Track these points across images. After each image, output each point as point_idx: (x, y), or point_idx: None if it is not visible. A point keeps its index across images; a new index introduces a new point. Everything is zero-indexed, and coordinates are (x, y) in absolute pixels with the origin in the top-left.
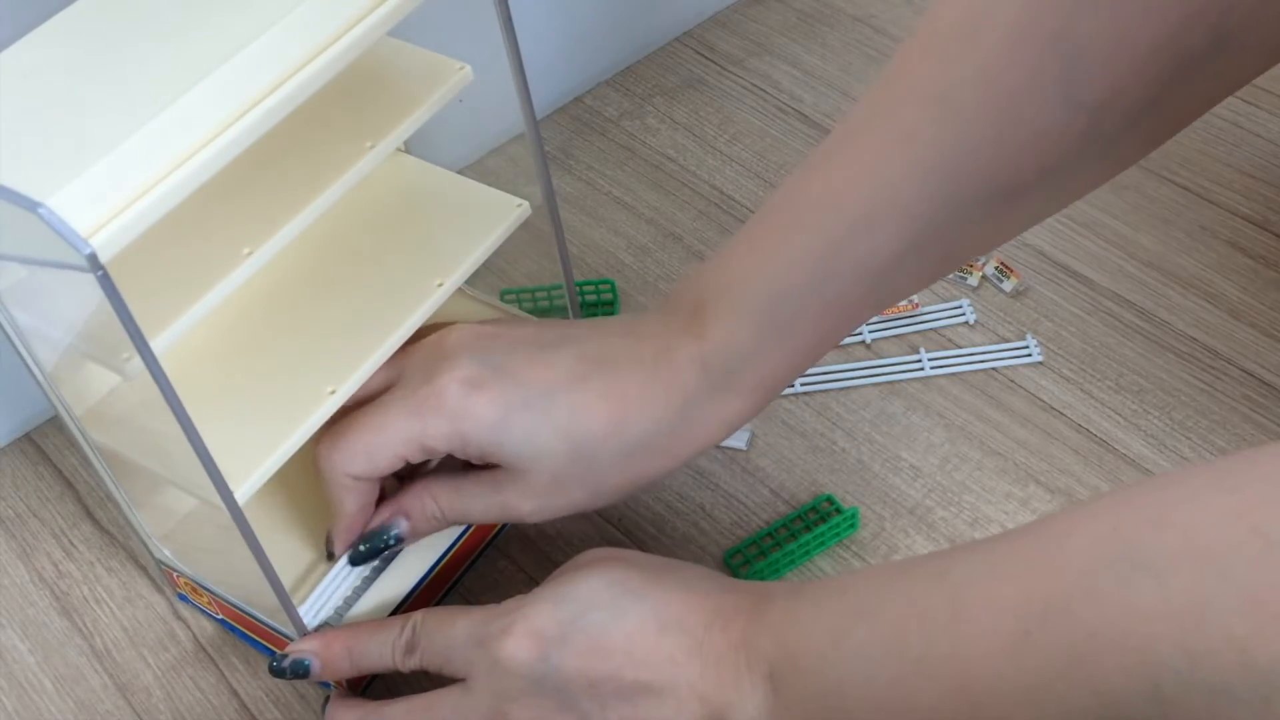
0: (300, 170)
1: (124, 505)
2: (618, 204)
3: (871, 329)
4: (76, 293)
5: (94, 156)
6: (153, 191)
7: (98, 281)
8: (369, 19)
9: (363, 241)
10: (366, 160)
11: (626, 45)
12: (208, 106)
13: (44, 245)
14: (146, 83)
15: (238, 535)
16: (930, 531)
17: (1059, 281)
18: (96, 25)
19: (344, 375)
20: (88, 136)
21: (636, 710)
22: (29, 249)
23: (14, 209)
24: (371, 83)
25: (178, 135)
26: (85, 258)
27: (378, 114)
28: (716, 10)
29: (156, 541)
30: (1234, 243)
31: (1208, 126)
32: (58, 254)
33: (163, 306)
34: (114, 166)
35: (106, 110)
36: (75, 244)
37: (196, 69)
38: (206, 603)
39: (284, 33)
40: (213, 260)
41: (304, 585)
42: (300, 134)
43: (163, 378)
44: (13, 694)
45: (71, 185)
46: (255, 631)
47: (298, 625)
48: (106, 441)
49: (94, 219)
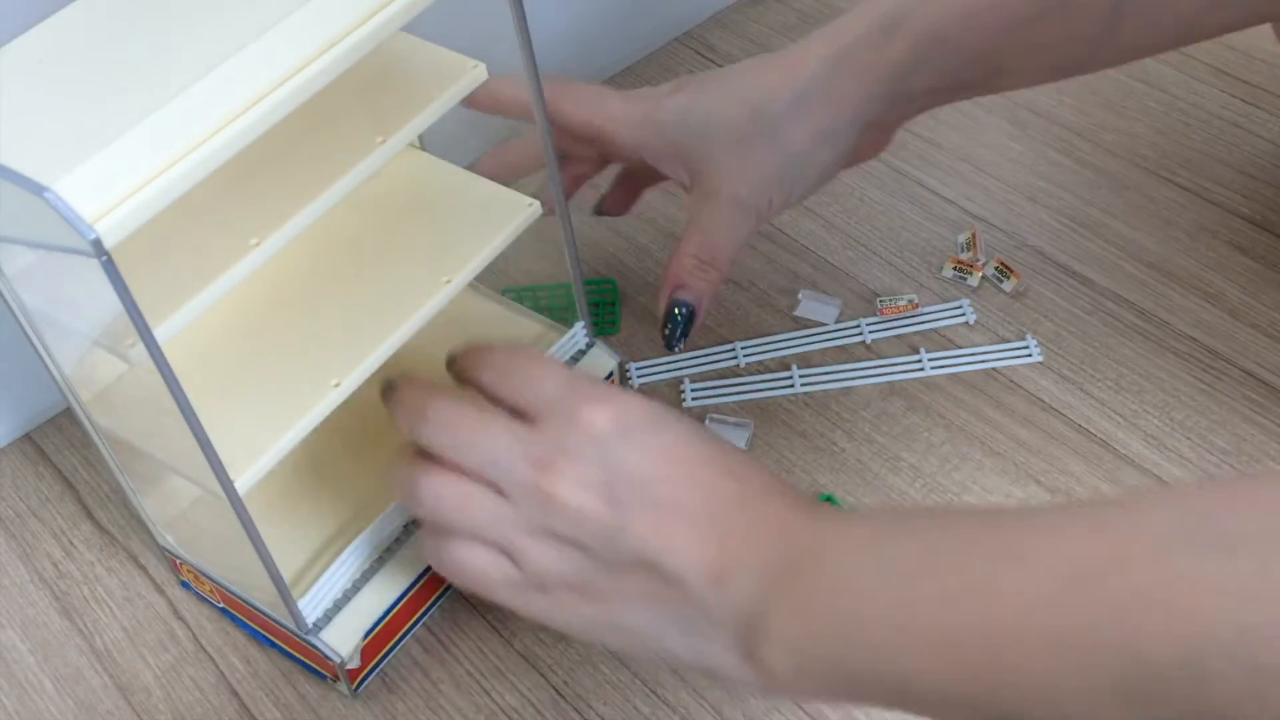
0: (310, 163)
1: (130, 493)
2: None
3: (872, 329)
4: (83, 278)
5: (102, 142)
6: (160, 179)
7: (102, 267)
8: (383, 13)
9: (372, 236)
10: (376, 155)
11: (626, 45)
12: (218, 96)
13: (51, 229)
14: (157, 71)
15: (239, 526)
16: None
17: (1059, 281)
18: (108, 15)
19: (348, 369)
20: (97, 123)
21: (662, 523)
22: (36, 233)
23: (22, 192)
24: (385, 78)
25: (187, 124)
26: (90, 243)
27: (390, 109)
28: (716, 10)
29: (161, 529)
30: (1234, 243)
31: (1208, 127)
32: (64, 238)
33: (168, 294)
34: (122, 153)
35: (116, 97)
36: (80, 229)
37: (208, 58)
38: (209, 591)
39: (297, 25)
40: (219, 249)
41: (305, 578)
42: (312, 127)
43: (165, 365)
44: (13, 694)
45: (79, 170)
46: (256, 622)
47: (297, 619)
48: (112, 427)
49: (100, 204)
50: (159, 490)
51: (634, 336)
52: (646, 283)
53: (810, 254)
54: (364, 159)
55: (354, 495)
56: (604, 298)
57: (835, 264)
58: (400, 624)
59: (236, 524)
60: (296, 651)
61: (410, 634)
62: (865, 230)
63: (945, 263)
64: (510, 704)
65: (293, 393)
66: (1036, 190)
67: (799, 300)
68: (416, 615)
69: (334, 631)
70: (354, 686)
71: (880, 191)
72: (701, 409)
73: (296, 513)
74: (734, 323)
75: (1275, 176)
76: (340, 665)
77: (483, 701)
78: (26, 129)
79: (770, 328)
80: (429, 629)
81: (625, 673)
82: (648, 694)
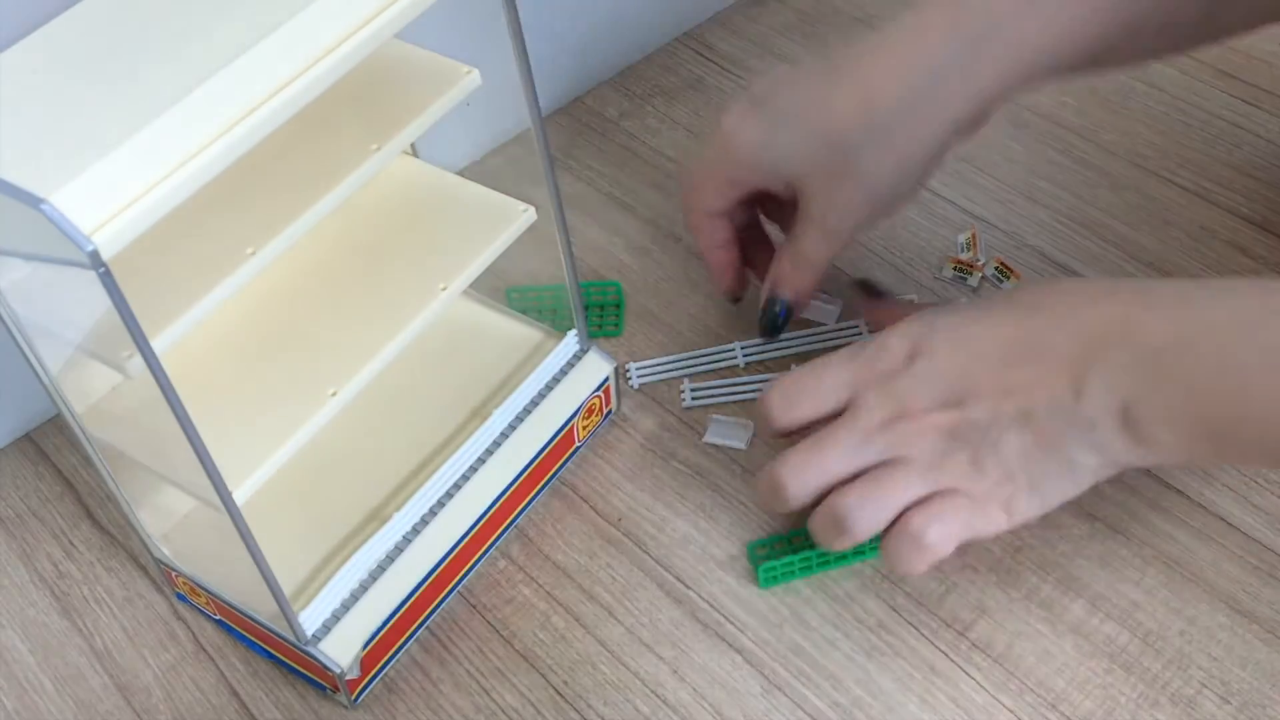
0: (305, 172)
1: (124, 504)
2: (618, 204)
3: (872, 328)
4: (78, 290)
5: (98, 154)
6: (156, 190)
7: (99, 279)
8: (377, 21)
9: (367, 243)
10: (372, 163)
11: (626, 45)
12: (213, 106)
13: (47, 241)
14: (151, 82)
15: (237, 538)
16: None
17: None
18: (100, 27)
19: (345, 377)
20: (92, 134)
21: (1010, 374)
22: (32, 245)
23: (17, 205)
24: (378, 85)
25: (182, 134)
26: (87, 255)
27: (384, 117)
28: (716, 10)
29: (156, 541)
30: (1234, 243)
31: (1208, 127)
32: (60, 250)
33: (164, 305)
34: (117, 164)
35: (110, 109)
36: (78, 241)
37: (202, 69)
38: (205, 603)
39: (290, 34)
40: (216, 260)
41: (305, 590)
42: (306, 135)
43: (163, 376)
44: (13, 694)
45: (75, 182)
46: (254, 633)
47: (296, 630)
48: (107, 439)
49: (97, 216)
50: (153, 503)
51: (634, 336)
52: (646, 283)
53: None
54: (359, 167)
55: (352, 505)
56: (607, 299)
57: (836, 264)
58: (400, 633)
59: (234, 536)
60: (294, 662)
61: (411, 641)
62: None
63: (945, 263)
64: (510, 704)
65: (290, 402)
66: (1036, 190)
67: None
68: (415, 624)
69: (333, 642)
70: (353, 697)
71: None
72: (702, 409)
73: (294, 524)
74: (734, 323)
75: (1275, 177)
76: (340, 676)
77: (483, 701)
78: (20, 140)
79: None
80: (429, 629)
81: (625, 672)
82: (648, 694)
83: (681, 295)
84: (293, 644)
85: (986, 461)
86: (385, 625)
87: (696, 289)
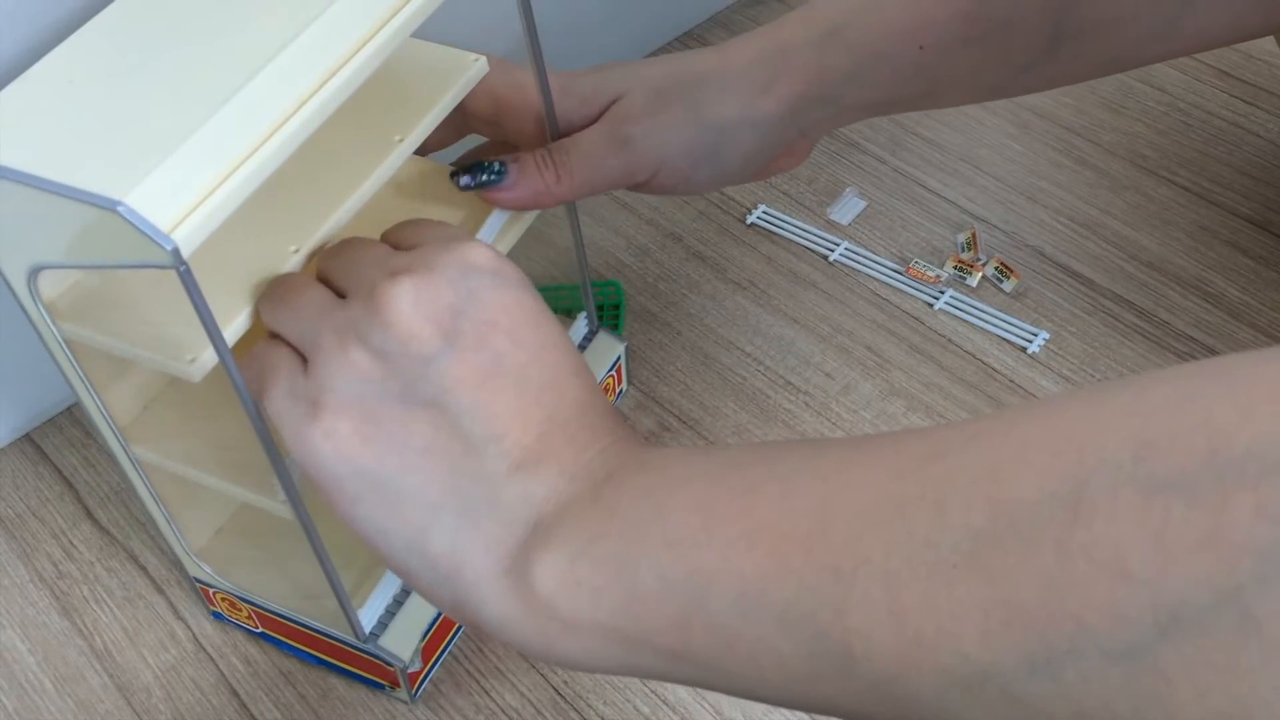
0: (337, 166)
1: (164, 523)
2: (618, 204)
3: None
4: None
5: (161, 154)
6: (225, 184)
7: (180, 277)
8: (410, 6)
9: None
10: (398, 154)
11: (626, 45)
12: (264, 102)
13: (120, 245)
14: (193, 83)
15: (286, 546)
16: None
17: (1059, 281)
18: (129, 31)
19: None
20: (148, 136)
21: (489, 376)
22: (100, 252)
23: (86, 210)
24: (391, 78)
25: (241, 129)
26: (169, 253)
27: (403, 108)
28: (716, 10)
29: (195, 558)
30: (1234, 243)
31: (1208, 127)
32: (137, 253)
33: (226, 304)
34: (184, 162)
35: (159, 111)
36: (158, 240)
37: (244, 66)
38: (245, 617)
39: (330, 23)
40: (263, 259)
41: (359, 590)
42: (331, 131)
43: (238, 374)
44: (13, 694)
45: (145, 183)
46: (301, 640)
47: (356, 628)
48: (149, 455)
49: (172, 214)
50: (188, 519)
51: (634, 336)
52: (646, 283)
53: (811, 254)
54: (387, 159)
55: None
56: (608, 299)
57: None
58: (452, 622)
59: (280, 544)
60: (348, 664)
61: (463, 629)
62: (865, 230)
63: (945, 262)
64: (510, 704)
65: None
66: (1036, 190)
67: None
68: None
69: (392, 637)
70: (414, 690)
71: (880, 191)
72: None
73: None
74: (734, 323)
75: (1275, 176)
76: (401, 670)
77: (483, 701)
78: (73, 147)
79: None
80: None
81: None
82: (648, 694)
83: (681, 295)
84: (350, 644)
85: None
86: (440, 615)
87: (697, 289)
